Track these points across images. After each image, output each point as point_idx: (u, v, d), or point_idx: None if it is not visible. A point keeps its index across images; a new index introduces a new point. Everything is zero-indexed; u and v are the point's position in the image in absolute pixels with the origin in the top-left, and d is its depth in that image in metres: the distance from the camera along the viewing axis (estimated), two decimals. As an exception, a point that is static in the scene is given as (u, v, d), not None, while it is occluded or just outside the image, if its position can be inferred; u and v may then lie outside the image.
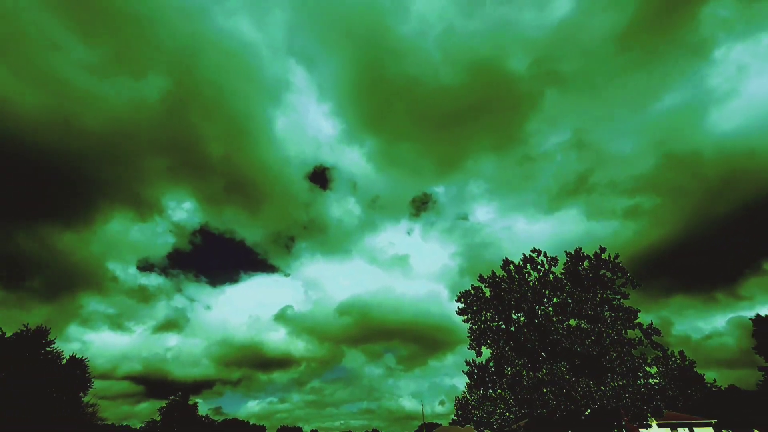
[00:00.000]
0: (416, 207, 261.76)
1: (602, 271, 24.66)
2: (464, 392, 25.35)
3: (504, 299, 25.27)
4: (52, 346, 42.84)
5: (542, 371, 21.61)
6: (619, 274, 24.43)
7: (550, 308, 24.68)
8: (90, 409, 45.56)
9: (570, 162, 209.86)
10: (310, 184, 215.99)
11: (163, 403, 63.91)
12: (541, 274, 25.85)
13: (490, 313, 25.94)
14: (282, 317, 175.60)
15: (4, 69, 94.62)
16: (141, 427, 63.99)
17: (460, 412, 24.06)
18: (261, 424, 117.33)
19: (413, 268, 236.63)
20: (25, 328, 41.88)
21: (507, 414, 22.03)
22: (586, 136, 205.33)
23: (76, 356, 44.47)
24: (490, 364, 25.28)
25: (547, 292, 25.06)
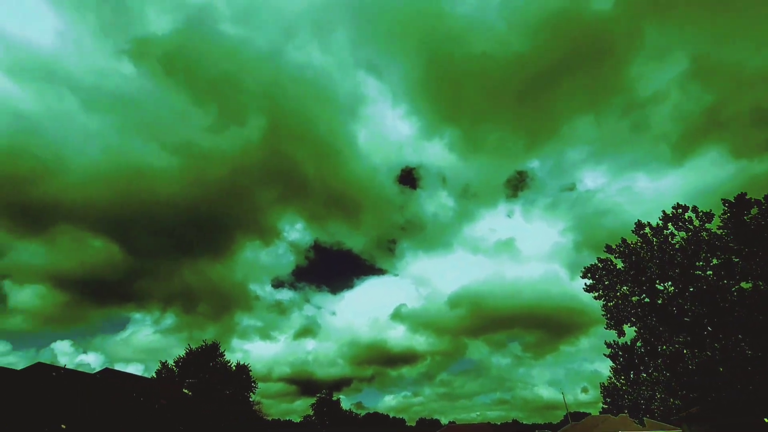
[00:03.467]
0: (512, 187, 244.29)
1: (780, 217, 19.19)
2: (610, 377, 22.46)
3: (643, 268, 21.63)
4: (223, 357, 52.12)
5: (712, 348, 17.78)
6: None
7: (709, 272, 20.22)
8: (256, 407, 54.02)
9: (691, 97, 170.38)
10: (400, 187, 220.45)
11: (313, 400, 72.26)
12: (691, 233, 21.37)
13: (627, 286, 22.48)
14: (398, 315, 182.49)
15: (155, 144, 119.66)
16: (300, 421, 73.44)
17: (608, 399, 21.38)
18: (400, 417, 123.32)
19: (521, 251, 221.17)
20: (204, 344, 51.85)
21: (671, 400, 18.72)
22: (710, 61, 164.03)
23: (241, 363, 53.21)
24: (638, 344, 21.87)
25: (702, 253, 20.61)
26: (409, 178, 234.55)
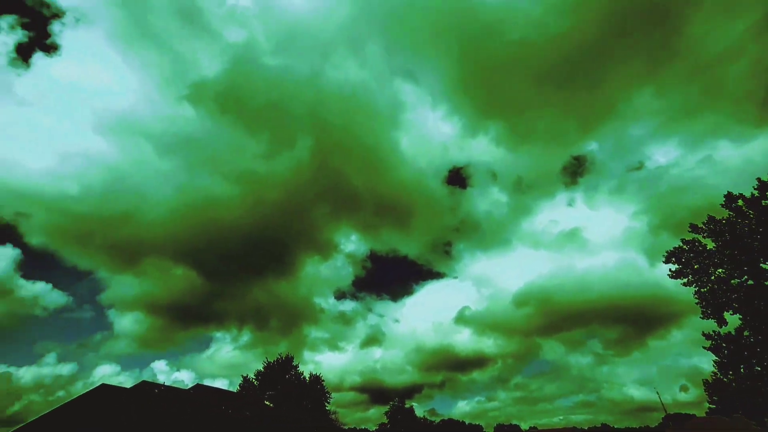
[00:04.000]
0: (569, 175, 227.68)
1: None
2: (714, 373, 19.83)
3: (742, 246, 18.99)
4: (297, 369, 54.42)
5: None
6: None
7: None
8: (333, 416, 55.52)
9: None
10: (449, 188, 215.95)
11: (386, 409, 72.70)
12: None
13: (723, 268, 19.86)
14: (462, 318, 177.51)
15: (218, 176, 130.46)
16: (375, 429, 74.17)
17: (715, 397, 18.84)
18: (476, 423, 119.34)
19: (588, 241, 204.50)
20: (279, 357, 54.66)
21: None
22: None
23: (314, 374, 55.19)
24: (745, 332, 19.14)
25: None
26: (457, 178, 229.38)
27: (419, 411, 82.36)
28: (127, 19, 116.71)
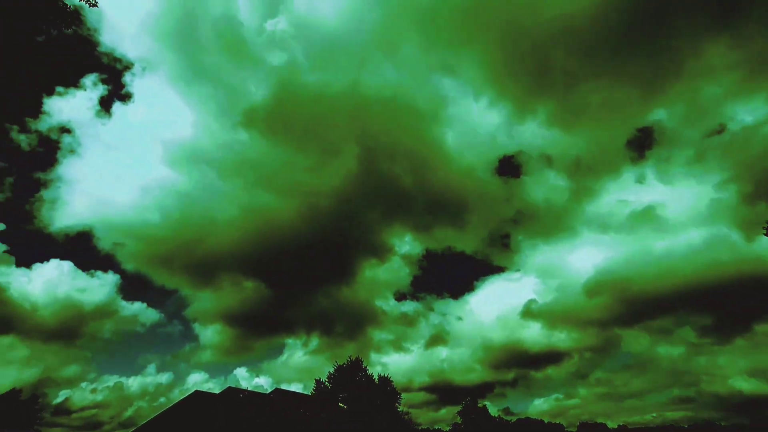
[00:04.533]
0: (636, 149, 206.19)
1: None
2: None
3: None
4: (366, 371, 55.75)
5: None
6: None
7: None
8: (406, 417, 55.86)
9: None
10: (501, 179, 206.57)
11: (458, 408, 71.55)
12: None
13: None
14: (528, 312, 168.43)
15: (273, 193, 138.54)
16: (449, 429, 73.34)
17: None
18: (557, 422, 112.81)
19: (666, 219, 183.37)
20: (348, 360, 56.48)
21: None
22: None
23: (383, 375, 56.07)
24: None
25: None
26: (509, 167, 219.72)
27: (493, 410, 79.69)
28: (183, 62, 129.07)
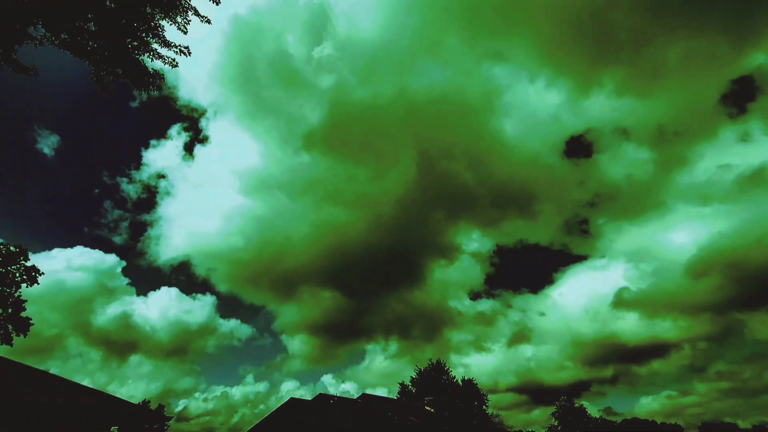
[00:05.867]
0: (734, 103, 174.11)
1: None
2: None
3: None
4: (449, 373, 55.04)
5: None
6: None
7: None
8: (496, 419, 53.88)
9: None
10: (571, 161, 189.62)
11: (552, 409, 67.00)
12: None
13: None
14: (621, 302, 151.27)
15: (340, 207, 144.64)
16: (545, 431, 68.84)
17: None
18: (672, 422, 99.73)
19: None
20: (430, 363, 56.39)
21: None
22: None
23: (465, 378, 54.89)
24: None
25: None
26: (578, 147, 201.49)
27: (592, 410, 73.00)
28: (247, 101, 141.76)
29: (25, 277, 26.22)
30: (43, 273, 26.96)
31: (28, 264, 26.33)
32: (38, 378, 7.39)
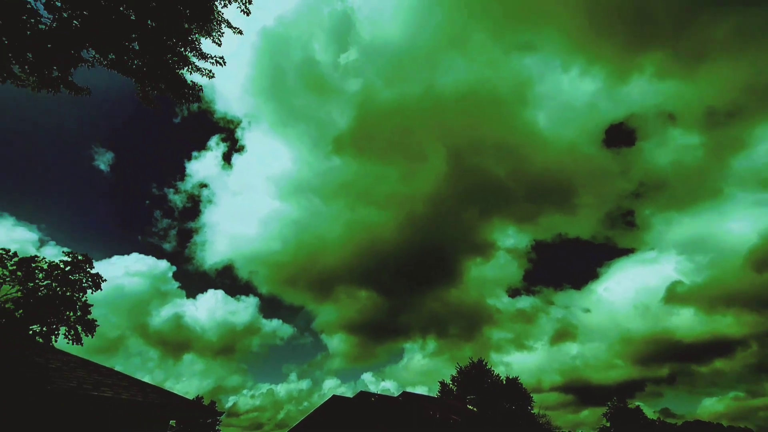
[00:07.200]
0: None
1: None
2: None
3: None
4: (491, 372, 53.89)
5: None
6: None
7: None
8: (543, 420, 52.00)
9: None
10: (611, 150, 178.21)
11: (603, 410, 63.61)
12: None
13: None
14: (674, 296, 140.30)
15: (372, 207, 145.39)
16: (597, 433, 65.44)
17: None
18: (742, 426, 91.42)
19: None
20: (470, 361, 55.49)
21: None
22: None
23: (509, 377, 53.44)
24: None
25: None
26: (618, 135, 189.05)
27: (648, 411, 68.41)
28: (278, 109, 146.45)
29: (90, 282, 28.67)
30: (105, 279, 29.35)
31: (93, 271, 28.78)
32: (105, 375, 7.97)
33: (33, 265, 26.68)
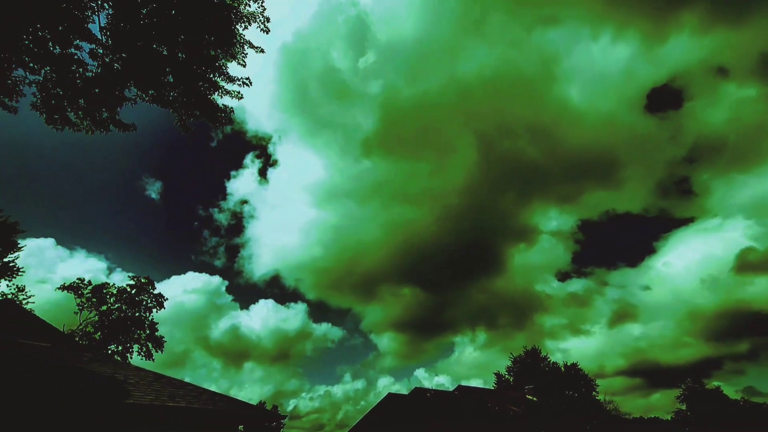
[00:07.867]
0: None
1: None
2: None
3: None
4: (547, 359, 52.21)
5: None
6: None
7: None
8: (609, 406, 49.46)
9: None
10: (656, 116, 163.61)
11: (676, 392, 59.34)
12: None
13: None
14: (746, 265, 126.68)
15: (407, 205, 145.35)
16: (672, 417, 61.26)
17: None
18: None
19: None
20: (525, 349, 54.17)
21: None
22: None
23: (567, 363, 51.40)
24: None
25: None
26: (662, 99, 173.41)
27: (728, 390, 62.79)
28: (306, 120, 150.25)
29: (154, 302, 31.03)
30: (167, 298, 31.66)
31: (155, 292, 31.13)
32: (178, 386, 8.59)
33: (104, 291, 29.35)
